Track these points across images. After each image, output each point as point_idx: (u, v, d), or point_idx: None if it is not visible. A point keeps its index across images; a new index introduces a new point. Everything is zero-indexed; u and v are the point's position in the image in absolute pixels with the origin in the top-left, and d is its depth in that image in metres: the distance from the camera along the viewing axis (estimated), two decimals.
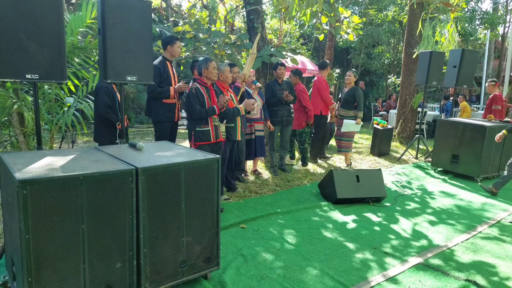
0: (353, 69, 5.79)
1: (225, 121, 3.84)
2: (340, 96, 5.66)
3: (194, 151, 2.57)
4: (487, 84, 6.06)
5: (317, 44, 15.08)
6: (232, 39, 5.84)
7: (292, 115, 5.33)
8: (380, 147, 6.71)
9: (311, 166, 5.72)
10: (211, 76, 3.49)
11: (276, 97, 5.04)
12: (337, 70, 10.53)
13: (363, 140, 8.86)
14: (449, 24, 6.59)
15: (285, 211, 3.69)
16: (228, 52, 6.22)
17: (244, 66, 4.59)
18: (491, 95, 5.96)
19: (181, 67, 8.72)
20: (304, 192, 4.42)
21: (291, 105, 5.37)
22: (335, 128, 7.56)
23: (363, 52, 14.42)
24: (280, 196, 4.20)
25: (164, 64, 4.04)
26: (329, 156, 6.37)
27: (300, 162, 5.72)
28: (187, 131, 4.76)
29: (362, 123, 5.54)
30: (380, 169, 4.31)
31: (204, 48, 5.96)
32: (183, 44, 6.26)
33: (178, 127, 4.51)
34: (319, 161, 6.16)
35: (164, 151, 2.50)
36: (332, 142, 8.02)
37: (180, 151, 2.53)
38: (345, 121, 5.43)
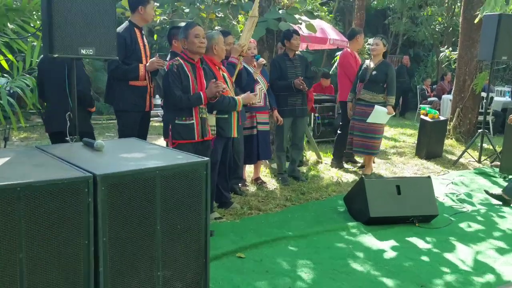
0: (381, 36, 5.66)
1: (215, 112, 3.85)
2: (362, 73, 5.54)
3: (173, 152, 2.57)
4: None
5: (342, 3, 15.08)
6: None
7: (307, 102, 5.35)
8: (429, 147, 6.72)
9: (334, 173, 5.74)
10: (194, 47, 3.49)
11: (285, 80, 5.04)
12: (370, 41, 10.51)
13: (406, 137, 8.89)
14: None
15: (298, 234, 3.70)
16: (219, 15, 6.24)
17: (241, 34, 4.59)
18: None
19: (155, 36, 8.76)
20: (324, 208, 4.43)
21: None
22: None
23: (406, 15, 14.41)
24: (292, 214, 4.21)
25: (131, 32, 4.05)
26: (360, 162, 6.37)
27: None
28: (162, 124, 4.77)
29: (394, 112, 5.53)
30: (429, 177, 4.31)
31: (187, 10, 5.97)
32: (158, 4, 6.28)
33: (151, 119, 4.53)
34: (346, 165, 6.17)
35: (132, 152, 2.49)
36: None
37: (154, 152, 2.53)
38: (376, 107, 5.40)
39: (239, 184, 4.84)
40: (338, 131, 6.01)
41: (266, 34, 5.64)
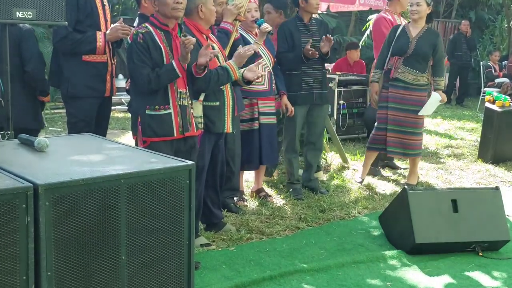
0: None
1: (202, 97, 3.85)
2: (401, 43, 5.45)
3: (144, 154, 2.58)
4: None
5: None
6: None
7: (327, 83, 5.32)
8: (497, 147, 6.73)
9: (366, 182, 5.76)
10: (167, 9, 3.46)
11: (294, 51, 5.04)
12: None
13: (465, 133, 8.90)
14: None
15: (316, 267, 3.69)
16: None
17: None
18: None
19: None
20: (352, 231, 4.43)
21: (327, 66, 5.36)
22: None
23: None
24: (307, 240, 4.22)
25: None
26: (402, 168, 6.36)
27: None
28: (128, 116, 4.77)
29: (446, 99, 5.54)
30: (497, 188, 4.30)
31: None
32: None
33: (112, 107, 4.56)
34: (383, 171, 6.19)
35: (87, 153, 2.51)
36: None
37: (117, 152, 2.55)
38: (434, 94, 5.39)
39: (235, 198, 4.84)
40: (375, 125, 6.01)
41: None
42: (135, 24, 4.35)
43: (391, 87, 5.45)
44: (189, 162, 2.42)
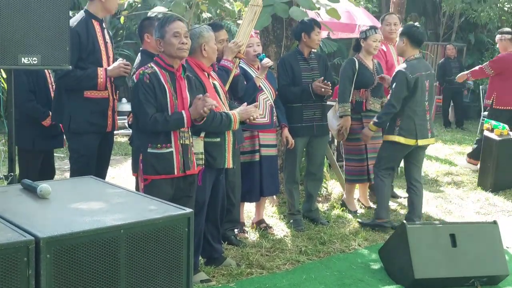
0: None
1: (203, 134, 3.89)
2: (365, 76, 5.53)
3: (143, 200, 2.60)
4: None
5: None
6: None
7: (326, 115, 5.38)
8: (496, 175, 6.74)
9: (367, 210, 5.75)
10: (172, 50, 3.53)
11: (299, 86, 5.08)
12: (416, 24, 10.58)
13: (464, 158, 8.89)
14: None
15: None
16: None
17: (239, 29, 4.64)
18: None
19: (121, 19, 8.85)
20: (352, 265, 4.42)
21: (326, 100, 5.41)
22: None
23: None
24: (307, 274, 4.21)
25: (88, 25, 4.13)
26: (402, 196, 6.38)
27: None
28: (129, 143, 4.80)
29: None
30: (495, 222, 4.31)
31: None
32: None
33: (115, 132, 4.61)
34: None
35: (88, 200, 2.53)
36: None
37: (118, 199, 2.56)
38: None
39: (235, 230, 4.85)
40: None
41: (272, 23, 5.71)
42: (137, 60, 4.39)
43: (365, 118, 5.54)
44: (188, 210, 2.43)
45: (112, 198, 2.60)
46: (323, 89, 4.99)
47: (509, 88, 7.50)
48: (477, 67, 8.13)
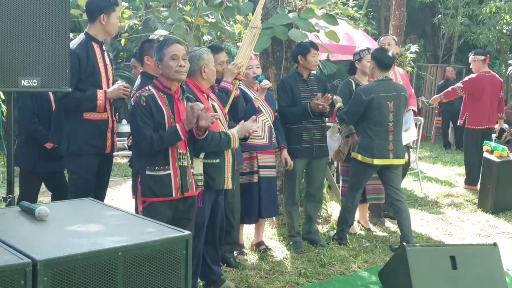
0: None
1: (202, 155, 3.89)
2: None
3: (141, 222, 2.60)
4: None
5: None
6: None
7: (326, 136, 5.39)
8: (497, 196, 6.72)
9: (367, 232, 5.73)
10: (170, 72, 3.54)
11: (299, 105, 5.11)
12: (414, 47, 10.64)
13: (462, 180, 8.88)
14: None
15: None
16: (209, 19, 6.36)
17: (238, 51, 4.67)
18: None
19: (122, 41, 8.90)
20: (352, 287, 4.39)
21: (326, 119, 5.42)
22: (413, 157, 7.59)
23: (462, 12, 14.61)
24: None
25: (88, 48, 4.15)
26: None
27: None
28: (128, 165, 4.79)
29: None
30: (495, 244, 4.29)
31: (165, 12, 6.10)
32: (126, 3, 6.42)
33: (115, 153, 4.61)
34: (387, 222, 6.19)
35: (86, 222, 2.52)
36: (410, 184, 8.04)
37: (115, 221, 2.56)
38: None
39: (234, 252, 4.82)
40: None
41: (272, 45, 5.75)
42: (137, 82, 4.41)
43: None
44: (186, 233, 2.43)
45: (110, 220, 2.60)
46: (320, 106, 4.98)
47: (480, 108, 7.76)
48: (449, 88, 8.23)
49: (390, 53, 5.29)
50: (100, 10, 4.12)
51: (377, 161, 5.14)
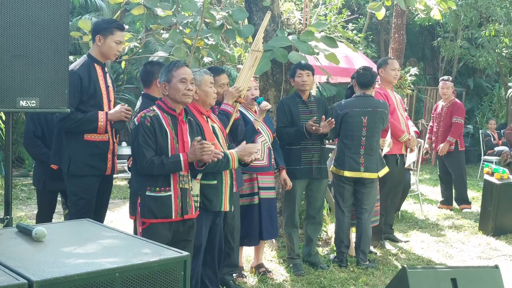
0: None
1: (199, 176, 3.88)
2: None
3: (139, 243, 2.58)
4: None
5: (375, 20, 15.48)
6: (218, 18, 6.03)
7: (327, 157, 5.38)
8: (497, 218, 6.69)
9: (370, 256, 5.68)
10: (177, 95, 3.56)
11: (296, 126, 5.11)
12: (413, 69, 10.68)
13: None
14: None
15: None
16: (209, 41, 6.41)
17: (239, 74, 4.68)
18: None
19: (123, 64, 8.96)
20: None
21: (326, 141, 5.42)
22: (413, 179, 7.60)
23: (462, 35, 14.73)
24: None
25: (90, 69, 4.16)
26: (402, 240, 6.34)
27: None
28: (128, 186, 4.79)
29: None
30: (497, 266, 4.25)
31: (165, 35, 6.15)
32: (128, 26, 6.48)
33: (115, 175, 4.60)
34: (387, 244, 6.16)
35: (84, 244, 2.50)
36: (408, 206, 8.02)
37: (113, 242, 2.54)
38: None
39: (234, 275, 4.77)
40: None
41: (272, 67, 5.78)
42: (138, 103, 4.42)
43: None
44: (184, 253, 2.41)
45: (107, 241, 2.58)
46: (313, 128, 4.98)
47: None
48: (453, 126, 8.11)
49: (370, 73, 5.44)
50: (98, 31, 4.15)
51: (347, 173, 5.30)
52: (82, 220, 3.00)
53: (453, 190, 8.24)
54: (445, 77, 8.43)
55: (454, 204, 8.27)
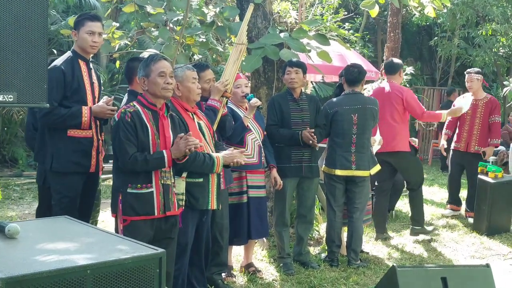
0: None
1: (185, 174, 3.82)
2: None
3: (115, 240, 2.53)
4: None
5: (372, 19, 15.43)
6: (209, 16, 5.99)
7: (318, 156, 5.34)
8: (491, 218, 6.65)
9: (361, 255, 5.64)
10: (157, 89, 3.51)
11: (287, 127, 5.07)
12: (409, 69, 10.65)
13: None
14: None
15: None
16: (200, 38, 6.37)
17: (225, 68, 4.64)
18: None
19: (117, 63, 8.90)
20: None
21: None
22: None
23: (458, 34, 14.68)
24: None
25: (74, 65, 4.13)
26: (391, 236, 6.33)
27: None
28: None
29: None
30: (488, 265, 4.20)
31: (156, 33, 6.10)
32: (117, 24, 6.42)
33: (103, 176, 4.54)
34: (380, 244, 6.13)
35: (58, 240, 2.46)
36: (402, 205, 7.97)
37: (89, 239, 2.49)
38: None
39: (222, 274, 4.72)
40: (374, 191, 6.10)
41: (263, 65, 5.73)
42: (123, 100, 4.37)
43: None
44: (160, 250, 2.35)
45: (82, 239, 2.53)
46: (310, 141, 4.98)
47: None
48: (492, 128, 7.25)
49: (357, 70, 5.40)
50: (74, 26, 4.18)
51: (338, 172, 5.25)
52: (60, 217, 2.95)
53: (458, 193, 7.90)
54: (471, 69, 7.52)
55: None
